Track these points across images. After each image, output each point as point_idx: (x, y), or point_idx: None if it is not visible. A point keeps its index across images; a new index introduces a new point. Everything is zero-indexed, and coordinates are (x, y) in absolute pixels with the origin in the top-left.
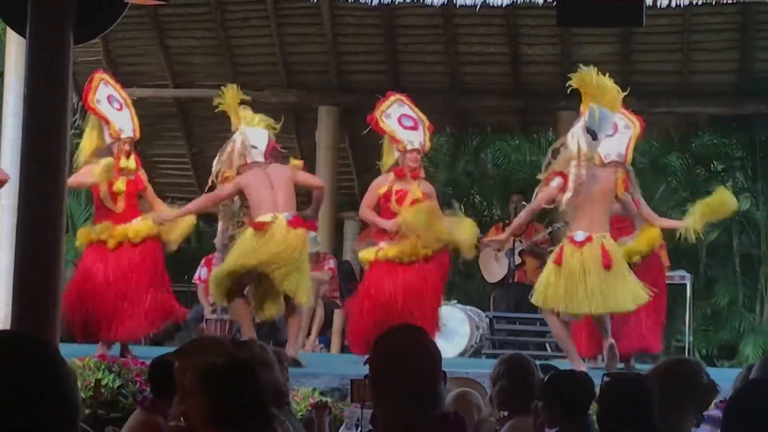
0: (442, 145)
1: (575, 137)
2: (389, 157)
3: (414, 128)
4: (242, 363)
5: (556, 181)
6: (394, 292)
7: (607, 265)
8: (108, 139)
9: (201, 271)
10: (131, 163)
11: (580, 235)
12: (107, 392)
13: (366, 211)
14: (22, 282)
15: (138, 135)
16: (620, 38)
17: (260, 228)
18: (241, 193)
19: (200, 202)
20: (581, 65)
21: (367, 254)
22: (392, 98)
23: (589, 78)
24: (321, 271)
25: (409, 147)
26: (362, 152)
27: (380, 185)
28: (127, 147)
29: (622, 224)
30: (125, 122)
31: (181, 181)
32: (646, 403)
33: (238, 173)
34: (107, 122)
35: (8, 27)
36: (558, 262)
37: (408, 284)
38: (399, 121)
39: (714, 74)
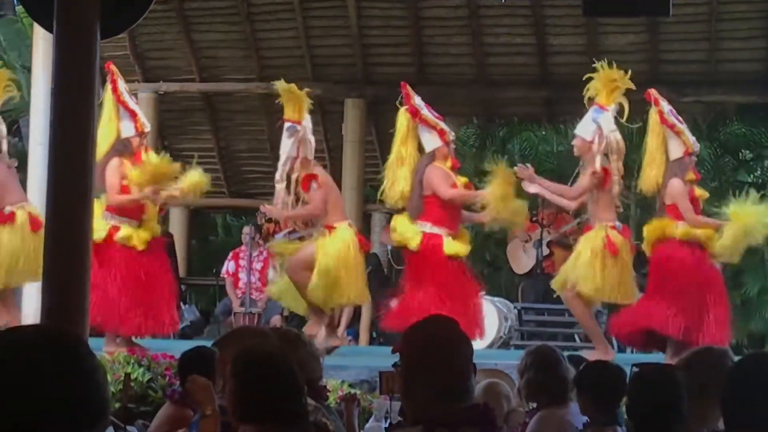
0: (469, 137)
1: (611, 132)
2: (412, 145)
3: (440, 118)
4: (274, 352)
5: (597, 177)
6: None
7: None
8: (130, 133)
9: (228, 265)
10: (148, 156)
11: (618, 225)
12: (137, 386)
13: (451, 191)
14: (52, 276)
15: None
16: (647, 28)
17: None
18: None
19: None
20: (608, 55)
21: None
22: (408, 89)
23: (610, 72)
24: None
25: (450, 137)
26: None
27: (446, 173)
28: (145, 141)
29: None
30: (144, 117)
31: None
32: (674, 394)
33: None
34: (135, 116)
35: (35, 22)
36: (614, 252)
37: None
38: (431, 112)
39: (742, 63)
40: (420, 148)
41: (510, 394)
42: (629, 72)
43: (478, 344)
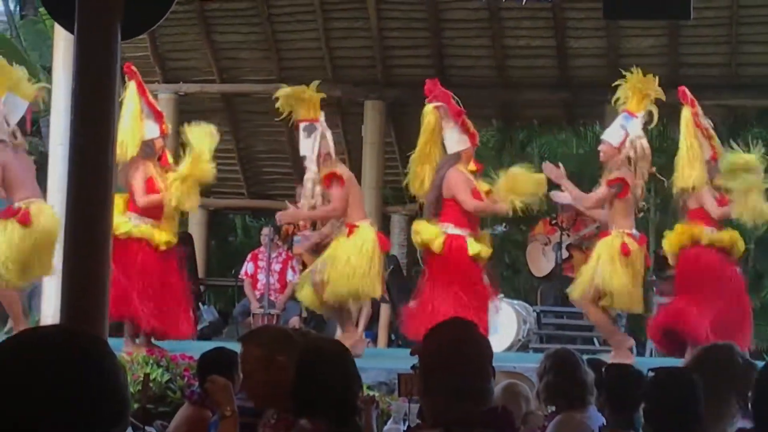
0: (489, 139)
1: (639, 138)
2: (438, 142)
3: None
4: (338, 349)
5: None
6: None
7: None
8: (154, 134)
9: (247, 266)
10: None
11: (636, 233)
12: (156, 387)
13: (473, 202)
14: (71, 276)
15: None
16: (668, 31)
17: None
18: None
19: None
20: (628, 58)
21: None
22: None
23: (641, 79)
24: None
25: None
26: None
27: (469, 179)
28: (166, 143)
29: None
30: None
31: (227, 176)
32: (691, 396)
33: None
34: (161, 117)
35: (56, 23)
36: (626, 255)
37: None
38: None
39: (763, 66)
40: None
41: (529, 395)
42: (654, 76)
43: (497, 347)
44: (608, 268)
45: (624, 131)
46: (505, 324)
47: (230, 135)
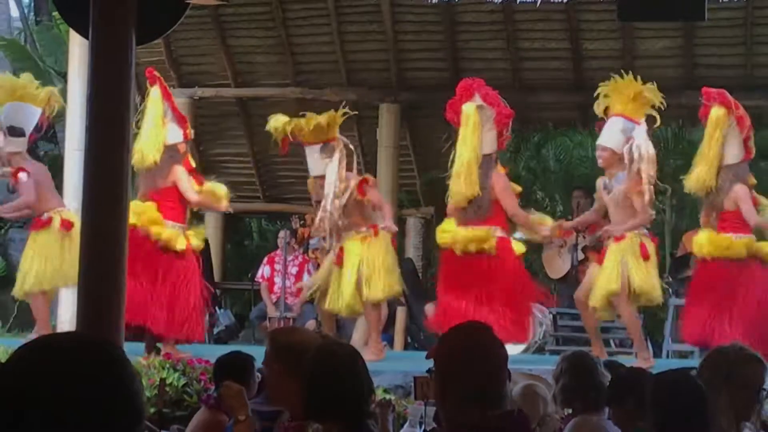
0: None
1: (644, 141)
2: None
3: None
4: (350, 351)
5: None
6: None
7: None
8: (178, 139)
9: (264, 270)
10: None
11: (646, 232)
12: (172, 391)
13: (520, 212)
14: (87, 282)
15: None
16: (682, 32)
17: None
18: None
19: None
20: (643, 60)
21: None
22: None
23: (637, 85)
24: None
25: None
26: (424, 149)
27: (510, 184)
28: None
29: None
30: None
31: (243, 180)
32: (695, 398)
33: None
34: (185, 122)
35: (71, 29)
36: (645, 257)
37: None
38: None
39: None
40: None
41: (547, 396)
42: (663, 78)
43: (512, 349)
44: (637, 269)
45: (625, 136)
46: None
47: (245, 139)
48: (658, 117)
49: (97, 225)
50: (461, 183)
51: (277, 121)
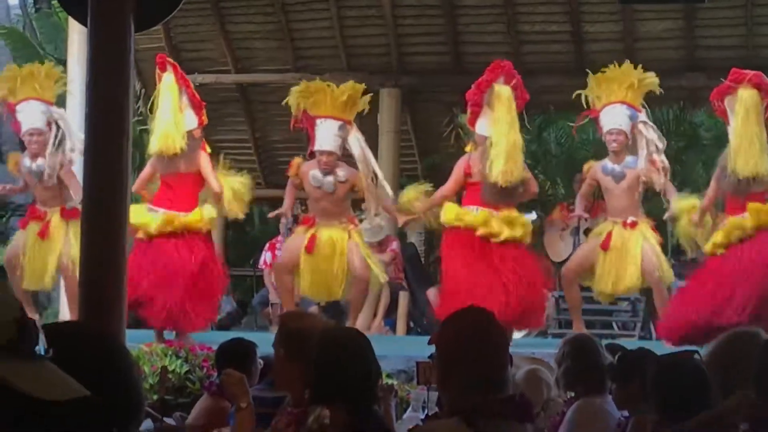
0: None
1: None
2: None
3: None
4: (354, 335)
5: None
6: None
7: None
8: (193, 125)
9: (265, 256)
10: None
11: None
12: (174, 378)
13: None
14: (88, 271)
15: None
16: (683, 14)
17: None
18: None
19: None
20: (644, 42)
21: None
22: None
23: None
24: (382, 253)
25: None
26: (425, 134)
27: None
28: None
29: None
30: None
31: (244, 166)
32: (697, 381)
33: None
34: (201, 108)
35: (70, 16)
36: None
37: None
38: None
39: None
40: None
41: (551, 380)
42: (663, 60)
43: (515, 333)
44: (658, 255)
45: (631, 122)
46: None
47: (246, 125)
48: (646, 108)
49: (98, 212)
50: (511, 164)
51: (304, 88)
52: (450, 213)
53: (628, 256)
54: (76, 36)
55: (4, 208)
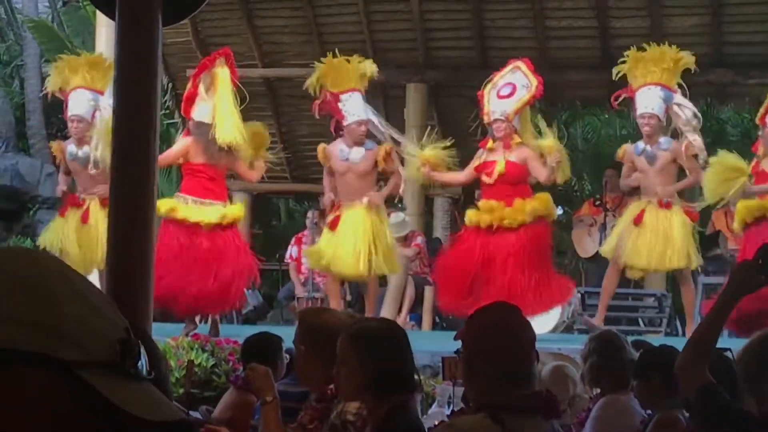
0: (531, 120)
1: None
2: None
3: (509, 96)
4: (394, 327)
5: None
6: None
7: None
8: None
9: (291, 250)
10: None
11: None
12: (200, 371)
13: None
14: (114, 263)
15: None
16: (710, 9)
17: None
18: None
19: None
20: (671, 38)
21: None
22: (509, 67)
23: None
24: (407, 248)
25: (492, 117)
26: (451, 129)
27: (475, 158)
28: None
29: None
30: None
31: (270, 160)
32: (725, 374)
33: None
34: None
35: (98, 10)
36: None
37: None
38: (498, 91)
39: None
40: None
41: (577, 377)
42: (694, 54)
43: (540, 329)
44: (690, 241)
45: (666, 104)
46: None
47: (272, 119)
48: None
49: (125, 205)
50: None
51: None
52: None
53: (662, 234)
54: (104, 29)
55: (31, 202)
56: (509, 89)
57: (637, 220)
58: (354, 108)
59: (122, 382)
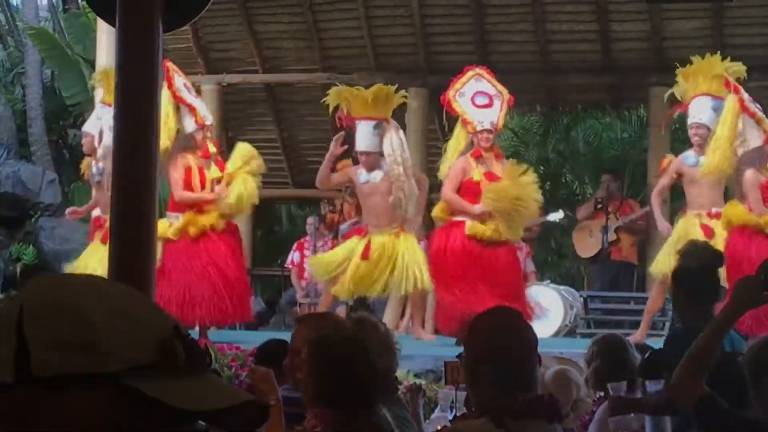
0: (533, 124)
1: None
2: (459, 138)
3: (488, 106)
4: (350, 337)
5: None
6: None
7: None
8: (192, 127)
9: (293, 256)
10: (213, 148)
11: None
12: None
13: (451, 195)
14: (117, 268)
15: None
16: (711, 13)
17: None
18: None
19: None
20: (672, 41)
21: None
22: (469, 74)
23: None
24: None
25: (479, 128)
26: (452, 133)
27: (464, 169)
28: (209, 134)
29: None
30: (205, 109)
31: (272, 166)
32: (732, 378)
33: None
34: (193, 110)
35: (98, 17)
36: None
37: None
38: (472, 99)
39: None
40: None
41: (580, 381)
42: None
43: (543, 332)
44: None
45: (717, 114)
46: (551, 309)
47: (274, 125)
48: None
49: (127, 213)
50: None
51: (336, 92)
52: None
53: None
54: (105, 36)
55: (33, 209)
56: (486, 99)
57: (707, 233)
58: (361, 137)
59: (170, 379)
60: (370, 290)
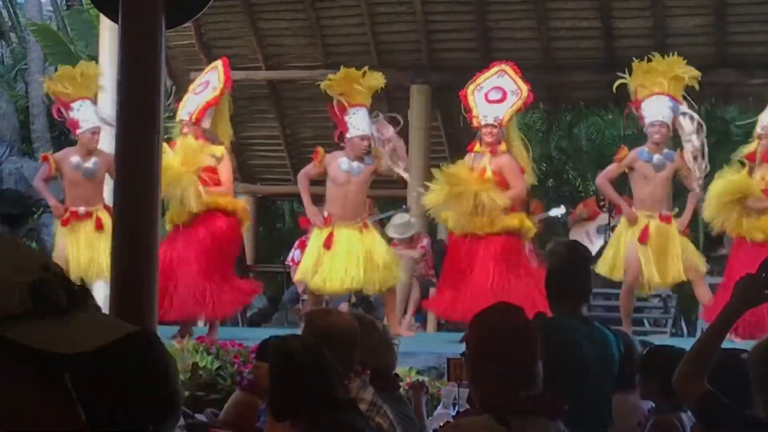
0: (536, 122)
1: (687, 120)
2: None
3: (500, 101)
4: (297, 347)
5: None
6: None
7: None
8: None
9: (294, 253)
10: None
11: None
12: (206, 374)
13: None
14: (120, 267)
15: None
16: (714, 9)
17: None
18: None
19: None
20: (674, 38)
21: None
22: (494, 69)
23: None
24: (412, 250)
25: (482, 122)
26: (455, 130)
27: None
28: (187, 129)
29: None
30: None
31: (274, 162)
32: (736, 377)
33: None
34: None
35: (101, 13)
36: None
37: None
38: (486, 94)
39: None
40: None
41: None
42: (694, 56)
43: None
44: (694, 249)
45: (673, 114)
46: None
47: (276, 122)
48: (690, 100)
49: (130, 212)
50: None
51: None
52: None
53: (669, 250)
54: (108, 33)
55: (36, 205)
56: (499, 94)
57: (643, 239)
58: (359, 122)
59: (45, 324)
60: (344, 284)
